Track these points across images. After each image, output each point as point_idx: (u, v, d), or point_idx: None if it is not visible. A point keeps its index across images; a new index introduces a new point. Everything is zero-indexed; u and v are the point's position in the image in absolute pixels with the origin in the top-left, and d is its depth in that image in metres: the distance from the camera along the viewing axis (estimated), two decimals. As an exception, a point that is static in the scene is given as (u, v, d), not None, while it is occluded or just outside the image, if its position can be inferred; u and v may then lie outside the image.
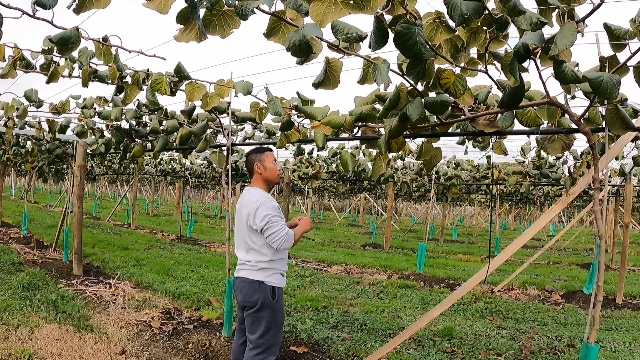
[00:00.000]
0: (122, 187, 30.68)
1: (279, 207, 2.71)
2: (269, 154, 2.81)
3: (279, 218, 2.63)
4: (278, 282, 2.71)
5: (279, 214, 2.65)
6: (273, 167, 2.79)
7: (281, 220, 2.64)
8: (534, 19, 1.66)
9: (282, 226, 2.59)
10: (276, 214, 2.62)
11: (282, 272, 2.76)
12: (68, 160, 6.92)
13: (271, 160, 2.80)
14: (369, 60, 2.09)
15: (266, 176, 2.79)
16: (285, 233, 2.59)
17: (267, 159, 2.79)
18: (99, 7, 1.77)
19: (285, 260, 2.80)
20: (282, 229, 2.59)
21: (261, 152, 2.82)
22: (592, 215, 7.27)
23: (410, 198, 19.14)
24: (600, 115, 2.49)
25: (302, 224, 2.77)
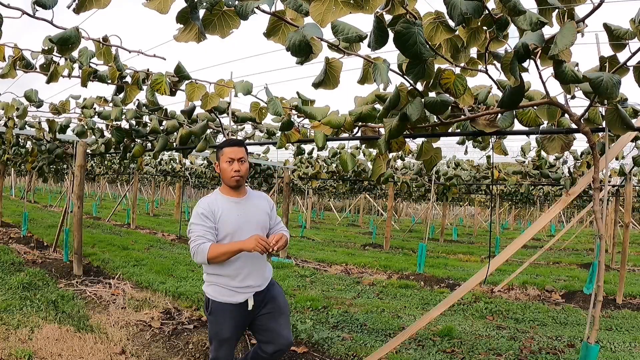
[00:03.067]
0: (122, 187, 30.70)
1: (206, 211, 2.40)
2: (225, 152, 2.49)
3: (197, 227, 2.37)
4: (214, 294, 2.49)
5: (202, 221, 2.37)
6: (225, 167, 2.48)
7: (200, 228, 2.36)
8: (534, 19, 1.66)
9: (196, 237, 2.34)
10: (197, 222, 2.38)
11: (226, 286, 2.47)
12: (68, 160, 6.92)
13: (225, 159, 2.48)
14: (369, 60, 2.09)
15: (222, 177, 2.53)
16: (194, 245, 2.34)
17: (221, 157, 2.51)
18: (99, 7, 1.77)
19: (234, 277, 2.47)
20: (195, 240, 2.34)
21: (219, 149, 2.55)
22: (592, 215, 7.27)
23: (410, 198, 19.14)
24: (600, 115, 2.49)
25: (243, 241, 2.35)
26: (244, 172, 2.48)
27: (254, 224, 2.50)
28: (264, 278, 2.61)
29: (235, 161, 2.46)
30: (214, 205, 2.44)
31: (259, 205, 2.61)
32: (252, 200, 2.60)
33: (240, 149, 2.50)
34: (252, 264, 2.52)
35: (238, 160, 2.47)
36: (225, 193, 2.53)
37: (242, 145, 2.53)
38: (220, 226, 2.42)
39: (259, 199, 2.65)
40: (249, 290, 2.51)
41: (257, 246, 2.24)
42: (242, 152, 2.50)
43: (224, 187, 2.55)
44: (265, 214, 2.61)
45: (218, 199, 2.50)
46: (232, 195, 2.52)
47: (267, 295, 2.63)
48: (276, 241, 2.32)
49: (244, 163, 2.48)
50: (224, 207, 2.46)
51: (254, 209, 2.55)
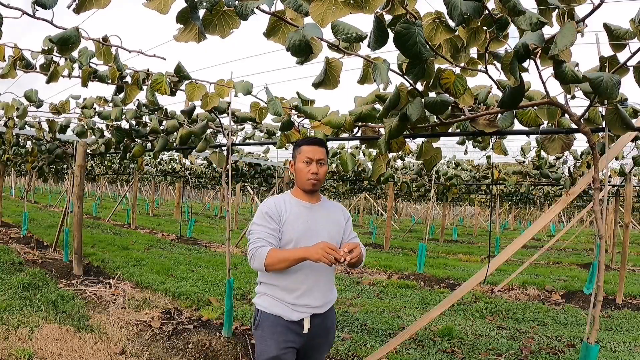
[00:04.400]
0: (122, 187, 30.70)
1: (271, 211, 2.12)
2: (303, 150, 2.18)
3: (259, 228, 2.09)
4: (265, 305, 2.15)
5: (265, 221, 2.10)
6: (302, 167, 2.17)
7: (262, 230, 2.09)
8: (534, 19, 1.66)
9: (256, 239, 2.06)
10: (259, 222, 2.11)
11: (280, 300, 2.13)
12: (68, 160, 6.92)
13: (302, 158, 2.18)
14: (369, 60, 2.09)
15: (295, 179, 2.23)
16: (252, 248, 2.04)
17: (298, 156, 2.20)
18: (99, 7, 1.77)
19: (291, 291, 2.12)
20: (254, 242, 2.06)
21: (296, 147, 2.24)
22: (592, 215, 7.26)
23: (410, 198, 19.14)
24: (600, 115, 2.49)
25: (308, 247, 1.99)
26: (322, 175, 2.18)
27: (323, 235, 2.15)
28: (327, 300, 2.23)
29: (313, 162, 2.16)
30: (281, 206, 2.16)
31: (332, 215, 2.28)
32: (326, 209, 2.28)
33: (321, 150, 2.18)
34: (315, 279, 2.16)
35: (317, 162, 2.16)
36: (297, 195, 2.24)
37: (323, 145, 2.21)
38: (285, 230, 2.12)
39: (334, 209, 2.32)
40: (306, 310, 2.15)
41: (324, 255, 1.86)
42: (322, 152, 2.18)
43: (296, 190, 2.26)
44: (338, 226, 2.27)
45: (287, 200, 2.21)
46: (304, 199, 2.22)
47: (325, 323, 2.24)
48: (349, 250, 1.92)
49: (323, 165, 2.18)
50: (292, 210, 2.16)
51: (325, 219, 2.23)
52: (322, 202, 2.29)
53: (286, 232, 2.12)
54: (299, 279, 2.13)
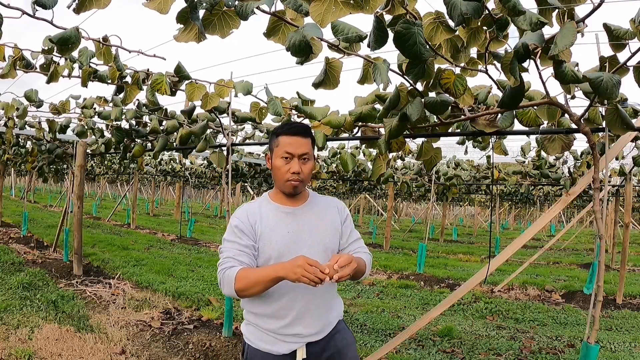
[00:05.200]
0: (122, 187, 30.70)
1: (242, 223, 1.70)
2: (281, 142, 1.72)
3: (228, 245, 1.69)
4: (251, 337, 1.77)
5: (235, 236, 1.69)
6: (279, 165, 1.71)
7: (231, 247, 1.68)
8: (534, 19, 1.66)
9: (225, 259, 1.67)
10: (228, 239, 1.70)
11: (266, 330, 1.73)
12: (68, 160, 6.92)
13: (280, 152, 1.71)
14: (369, 60, 2.09)
15: (273, 178, 1.78)
16: (220, 270, 1.65)
17: (275, 149, 1.74)
18: (99, 7, 1.77)
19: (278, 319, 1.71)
20: (222, 262, 1.67)
21: (273, 136, 1.78)
22: (592, 215, 7.26)
23: (410, 198, 19.15)
24: (600, 115, 2.49)
25: (282, 265, 1.55)
26: (306, 174, 1.72)
27: (312, 245, 1.70)
28: (325, 322, 1.78)
29: (295, 158, 1.69)
30: (254, 216, 1.72)
31: (324, 217, 1.79)
32: (314, 210, 1.79)
33: (305, 142, 1.71)
34: (305, 303, 1.71)
35: (299, 158, 1.70)
36: (275, 199, 1.79)
37: (307, 135, 1.74)
38: (261, 246, 1.69)
39: (326, 208, 1.83)
40: (297, 339, 1.73)
41: (303, 274, 1.45)
42: (306, 145, 1.71)
43: (275, 192, 1.80)
44: (333, 230, 1.78)
45: (263, 207, 1.76)
46: (285, 202, 1.77)
47: (330, 346, 1.78)
48: (339, 266, 1.50)
49: (307, 162, 1.72)
50: (269, 220, 1.72)
51: (315, 223, 1.76)
52: (309, 201, 1.81)
53: (263, 249, 1.69)
54: (284, 304, 1.70)
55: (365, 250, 1.86)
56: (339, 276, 1.50)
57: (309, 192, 1.86)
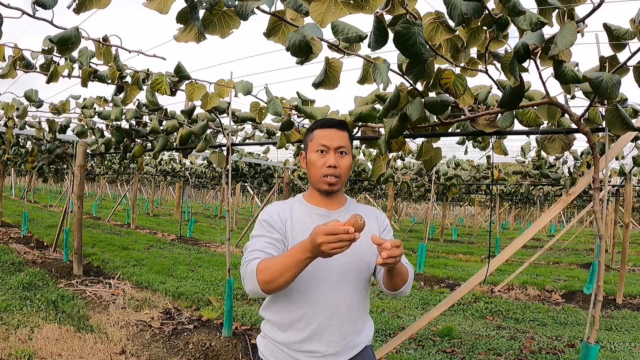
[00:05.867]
0: (122, 187, 30.70)
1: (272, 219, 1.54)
2: (316, 136, 1.60)
3: (255, 240, 1.52)
4: (264, 352, 1.59)
5: (264, 230, 1.53)
6: (314, 159, 1.57)
7: (258, 241, 1.50)
8: (534, 19, 1.66)
9: (249, 252, 1.48)
10: (256, 234, 1.54)
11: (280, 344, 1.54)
12: (68, 160, 6.92)
13: (314, 146, 1.59)
14: (369, 60, 2.09)
15: (308, 176, 1.63)
16: (244, 264, 1.46)
17: (310, 144, 1.62)
18: (99, 7, 1.77)
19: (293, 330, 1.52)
20: (245, 257, 1.49)
21: (309, 132, 1.67)
22: (592, 215, 7.26)
23: (410, 198, 19.15)
24: (600, 115, 2.49)
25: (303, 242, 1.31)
26: (344, 170, 1.57)
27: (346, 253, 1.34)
28: (348, 344, 1.55)
29: (331, 151, 1.56)
30: (285, 214, 1.57)
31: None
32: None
33: (342, 134, 1.59)
34: (329, 314, 1.51)
35: (336, 151, 1.56)
36: (310, 200, 1.63)
37: (344, 128, 1.61)
38: (291, 247, 1.49)
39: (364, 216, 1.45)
40: (316, 357, 1.51)
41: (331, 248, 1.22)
42: (343, 138, 1.59)
43: (310, 192, 1.65)
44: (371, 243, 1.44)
45: (295, 207, 1.61)
46: (319, 204, 1.61)
47: None
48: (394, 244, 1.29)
49: (344, 156, 1.57)
50: (301, 221, 1.56)
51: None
52: (346, 206, 1.65)
53: None
54: (304, 314, 1.50)
55: (407, 262, 1.61)
56: (389, 254, 1.28)
57: (347, 198, 1.70)
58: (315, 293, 1.51)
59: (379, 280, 1.61)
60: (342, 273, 1.53)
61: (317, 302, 1.51)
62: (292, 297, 1.51)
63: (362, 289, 1.60)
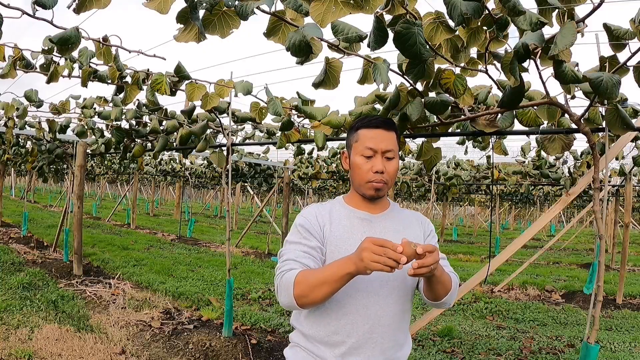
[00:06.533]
0: (122, 187, 30.69)
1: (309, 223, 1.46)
2: (362, 136, 1.48)
3: (290, 247, 1.43)
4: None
5: (299, 237, 1.44)
6: (360, 163, 1.46)
7: (294, 249, 1.41)
8: (534, 19, 1.66)
9: (283, 262, 1.40)
10: (291, 240, 1.45)
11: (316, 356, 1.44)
12: (68, 160, 6.92)
13: (360, 149, 1.47)
14: (369, 60, 2.09)
15: (351, 178, 1.54)
16: (278, 274, 1.37)
17: (354, 144, 1.50)
18: (99, 7, 1.77)
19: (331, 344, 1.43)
20: (280, 266, 1.40)
21: (352, 131, 1.54)
22: (592, 215, 7.26)
23: (410, 198, 19.14)
24: (600, 115, 2.49)
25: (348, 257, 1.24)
26: (391, 175, 1.47)
27: None
28: (392, 357, 1.48)
29: (378, 155, 1.45)
30: (324, 218, 1.48)
31: (405, 229, 1.53)
32: (394, 220, 1.54)
33: (389, 135, 1.47)
34: (369, 327, 1.42)
35: (383, 155, 1.45)
36: (351, 203, 1.54)
37: (392, 128, 1.49)
38: (329, 254, 1.43)
39: (408, 221, 1.57)
40: None
41: (373, 259, 1.14)
42: (391, 139, 1.47)
43: (352, 195, 1.56)
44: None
45: (335, 209, 1.52)
46: (362, 207, 1.52)
47: None
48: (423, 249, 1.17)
49: (391, 161, 1.47)
50: (341, 224, 1.47)
51: (393, 235, 1.46)
52: (389, 210, 1.56)
53: (330, 257, 1.42)
54: (342, 327, 1.41)
55: (452, 270, 1.51)
56: (421, 264, 1.17)
57: (389, 201, 1.60)
58: (356, 303, 1.41)
59: (420, 289, 1.52)
60: (384, 282, 1.43)
61: (357, 313, 1.41)
62: (330, 307, 1.41)
63: (406, 300, 1.51)
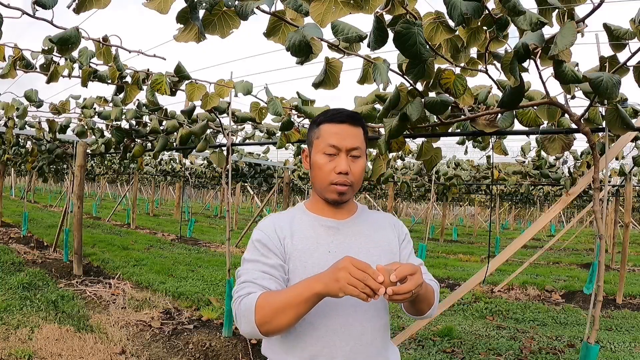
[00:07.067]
0: (122, 187, 30.69)
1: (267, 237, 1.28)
2: (324, 132, 1.30)
3: (248, 267, 1.26)
4: None
5: (258, 254, 1.26)
6: (321, 163, 1.29)
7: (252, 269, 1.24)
8: (534, 19, 1.66)
9: (241, 284, 1.22)
10: (249, 258, 1.28)
11: None
12: (68, 160, 6.92)
13: (321, 146, 1.29)
14: (369, 60, 2.09)
15: (312, 180, 1.36)
16: (236, 299, 1.20)
17: (315, 141, 1.32)
18: (99, 7, 1.77)
19: None
20: (238, 290, 1.22)
21: (313, 127, 1.35)
22: (592, 215, 7.27)
23: (410, 198, 19.15)
24: (600, 115, 2.49)
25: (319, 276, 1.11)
26: (356, 176, 1.30)
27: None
28: None
29: (341, 153, 1.28)
30: (283, 229, 1.31)
31: (376, 235, 1.38)
32: (364, 226, 1.38)
33: (355, 131, 1.30)
34: (349, 350, 1.25)
35: (348, 153, 1.28)
36: (313, 210, 1.37)
37: (358, 123, 1.31)
38: (292, 270, 1.27)
39: (379, 224, 1.41)
40: None
41: (347, 281, 1.02)
42: (357, 136, 1.30)
43: (314, 200, 1.39)
44: (388, 253, 1.36)
45: (296, 218, 1.35)
46: (326, 214, 1.35)
47: None
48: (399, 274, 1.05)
49: (358, 160, 1.30)
50: (304, 235, 1.31)
51: (364, 242, 1.34)
52: (357, 215, 1.39)
53: (294, 274, 1.26)
54: (321, 350, 1.24)
55: (431, 278, 1.40)
56: (396, 291, 1.03)
57: (357, 204, 1.43)
58: (333, 323, 1.25)
59: (401, 304, 1.36)
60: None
61: (335, 334, 1.24)
62: (303, 330, 1.24)
63: (385, 312, 1.35)
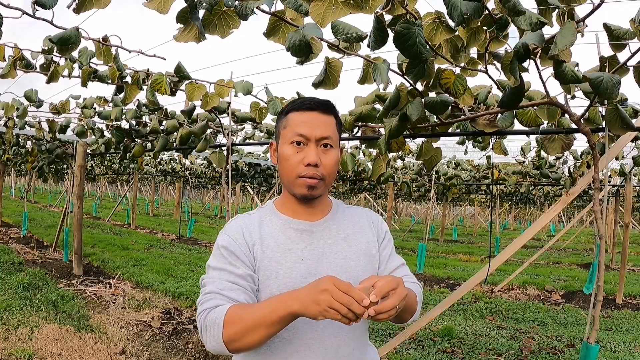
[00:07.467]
0: (122, 187, 30.70)
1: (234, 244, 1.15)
2: (291, 120, 1.18)
3: (213, 275, 1.14)
4: None
5: (224, 262, 1.14)
6: (288, 154, 1.16)
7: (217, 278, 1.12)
8: (534, 19, 1.66)
9: (205, 295, 1.11)
10: (214, 265, 1.15)
11: None
12: (68, 160, 6.92)
13: (289, 136, 1.17)
14: (369, 60, 2.09)
15: (280, 175, 1.22)
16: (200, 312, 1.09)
17: (283, 131, 1.20)
18: (99, 7, 1.77)
19: None
20: (202, 302, 1.10)
21: (281, 116, 1.23)
22: (592, 215, 7.27)
23: (410, 198, 19.15)
24: (600, 115, 2.49)
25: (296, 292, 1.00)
26: (328, 169, 1.17)
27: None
28: None
29: (310, 143, 1.15)
30: (252, 234, 1.18)
31: (354, 235, 1.26)
32: (340, 226, 1.26)
33: (326, 119, 1.18)
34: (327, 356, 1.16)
35: (318, 143, 1.16)
36: (284, 210, 1.24)
37: (329, 111, 1.20)
38: (263, 280, 1.15)
39: (356, 224, 1.28)
40: None
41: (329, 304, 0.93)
42: (328, 125, 1.18)
43: (284, 199, 1.25)
44: (367, 256, 1.25)
45: (266, 220, 1.22)
46: (298, 215, 1.22)
47: None
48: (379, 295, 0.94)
49: (329, 150, 1.17)
50: (275, 240, 1.19)
51: (340, 245, 1.22)
52: (332, 214, 1.26)
53: (265, 284, 1.15)
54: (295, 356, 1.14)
55: (413, 279, 1.31)
56: (378, 310, 0.94)
57: (332, 200, 1.30)
58: (307, 337, 1.14)
59: None
60: None
61: (310, 349, 1.14)
62: (275, 345, 1.13)
63: (364, 321, 1.19)
